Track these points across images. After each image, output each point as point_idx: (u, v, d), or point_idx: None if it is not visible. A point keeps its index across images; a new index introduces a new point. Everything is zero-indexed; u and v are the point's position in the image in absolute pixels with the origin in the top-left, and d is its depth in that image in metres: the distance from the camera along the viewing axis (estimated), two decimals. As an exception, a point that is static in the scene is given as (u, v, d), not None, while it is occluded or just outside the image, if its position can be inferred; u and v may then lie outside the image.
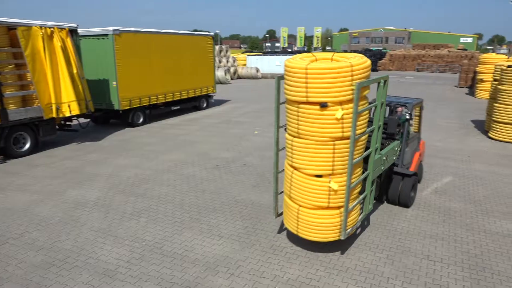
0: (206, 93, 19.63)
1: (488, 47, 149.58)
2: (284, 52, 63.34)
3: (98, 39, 14.32)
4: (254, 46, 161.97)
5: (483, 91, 23.72)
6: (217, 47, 37.15)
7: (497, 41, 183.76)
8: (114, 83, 14.38)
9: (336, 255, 5.92)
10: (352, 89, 5.04)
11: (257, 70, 38.85)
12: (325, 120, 5.15)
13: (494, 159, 10.90)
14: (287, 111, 5.58)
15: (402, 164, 7.68)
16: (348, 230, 5.71)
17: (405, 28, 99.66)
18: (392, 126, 7.09)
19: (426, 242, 6.31)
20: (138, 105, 15.44)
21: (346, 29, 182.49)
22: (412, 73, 45.57)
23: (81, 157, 11.26)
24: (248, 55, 43.08)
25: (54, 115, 11.81)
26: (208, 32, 26.62)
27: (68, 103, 12.02)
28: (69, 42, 12.13)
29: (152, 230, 6.76)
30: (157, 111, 16.80)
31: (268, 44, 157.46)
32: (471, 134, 14.08)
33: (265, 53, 53.17)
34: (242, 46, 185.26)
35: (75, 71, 12.19)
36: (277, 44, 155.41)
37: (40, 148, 11.98)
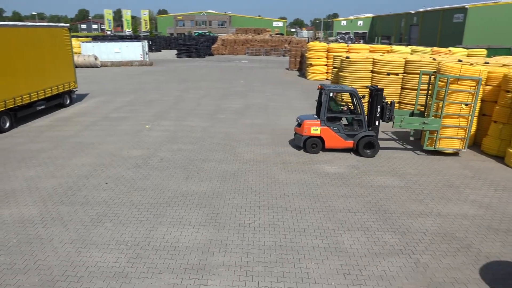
0: (68, 88, 18.45)
1: (292, 30, 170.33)
2: (118, 38, 60.57)
3: None
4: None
5: (313, 74, 28.51)
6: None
7: (298, 25, 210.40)
8: (-26, 86, 12.63)
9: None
10: None
11: (96, 58, 36.78)
12: None
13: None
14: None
15: None
16: None
17: (225, 12, 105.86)
18: None
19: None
20: (4, 108, 13.85)
21: (165, 11, 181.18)
22: (244, 57, 49.81)
23: (-32, 174, 10.01)
24: (81, 41, 40.01)
25: None
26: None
27: None
28: None
29: (126, 232, 7.22)
30: (22, 113, 15.25)
31: (84, 26, 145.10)
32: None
33: (94, 38, 49.81)
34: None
35: None
36: (94, 26, 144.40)
37: None
